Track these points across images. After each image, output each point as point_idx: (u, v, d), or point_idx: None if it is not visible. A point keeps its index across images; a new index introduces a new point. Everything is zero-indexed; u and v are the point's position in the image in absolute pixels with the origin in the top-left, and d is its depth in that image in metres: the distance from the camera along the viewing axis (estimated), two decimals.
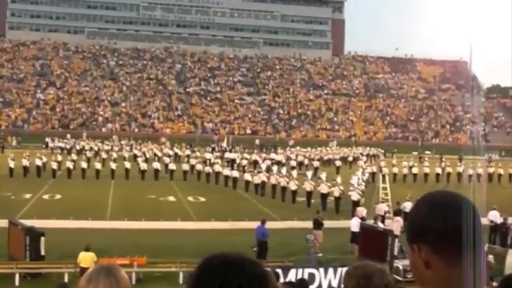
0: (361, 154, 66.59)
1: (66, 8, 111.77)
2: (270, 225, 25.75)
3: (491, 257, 19.89)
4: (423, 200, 1.94)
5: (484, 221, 24.59)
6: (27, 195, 38.05)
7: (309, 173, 45.38)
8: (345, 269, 3.02)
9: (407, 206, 31.76)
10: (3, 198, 36.66)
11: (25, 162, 47.10)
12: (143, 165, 49.11)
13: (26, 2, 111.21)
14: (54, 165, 47.85)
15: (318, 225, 26.17)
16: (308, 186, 38.57)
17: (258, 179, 42.92)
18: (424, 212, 1.89)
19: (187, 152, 60.19)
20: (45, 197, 38.57)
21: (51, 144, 67.33)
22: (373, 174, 51.27)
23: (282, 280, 16.39)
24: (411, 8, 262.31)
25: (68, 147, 64.10)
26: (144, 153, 57.85)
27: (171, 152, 59.73)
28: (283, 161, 57.61)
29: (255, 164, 54.62)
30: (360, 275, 2.75)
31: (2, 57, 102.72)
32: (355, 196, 34.59)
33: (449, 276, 1.83)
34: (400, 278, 20.64)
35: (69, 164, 47.96)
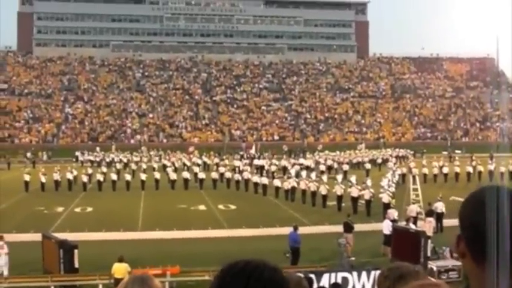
0: (391, 156, 66.10)
1: (91, 22, 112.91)
2: (301, 230, 25.70)
3: None
4: (474, 194, 1.94)
5: None
6: (60, 209, 38.44)
7: (339, 177, 45.31)
8: (378, 272, 3.00)
9: (439, 206, 31.52)
10: (36, 212, 37.13)
11: (56, 176, 47.54)
12: (173, 175, 49.32)
13: (52, 18, 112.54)
14: (85, 178, 48.26)
15: (348, 228, 26.08)
16: (338, 190, 38.43)
17: (287, 184, 42.84)
18: (469, 208, 1.90)
19: (216, 160, 60.24)
20: (77, 210, 38.92)
21: (81, 158, 67.98)
22: (403, 176, 50.95)
23: (315, 285, 16.34)
24: (436, 6, 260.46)
25: (98, 160, 64.69)
26: (173, 163, 58.12)
27: (199, 161, 59.87)
28: (312, 165, 57.45)
29: (284, 169, 54.57)
30: (395, 276, 2.73)
31: (30, 74, 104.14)
32: (385, 198, 34.38)
33: (478, 274, 1.84)
34: (434, 280, 20.41)
35: (100, 177, 48.29)
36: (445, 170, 52.78)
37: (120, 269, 19.61)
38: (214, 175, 50.23)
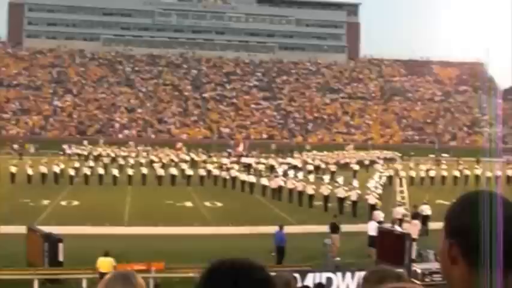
0: (378, 157, 66.33)
1: (82, 15, 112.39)
2: (287, 229, 25.75)
3: None
4: (465, 198, 1.89)
5: None
6: (45, 202, 38.29)
7: (326, 177, 45.40)
8: (362, 273, 3.01)
9: (425, 209, 31.70)
10: (21, 204, 36.94)
11: (43, 169, 47.36)
12: (160, 171, 49.24)
13: (43, 10, 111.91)
14: (72, 172, 48.09)
15: (334, 229, 26.15)
16: (325, 190, 38.51)
17: (274, 183, 42.87)
18: (462, 212, 1.85)
19: (204, 157, 60.23)
20: (63, 203, 38.79)
21: (68, 151, 67.64)
22: (390, 178, 51.11)
23: (299, 285, 16.35)
24: (427, 10, 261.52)
25: (85, 153, 64.39)
26: (160, 159, 57.99)
27: (187, 158, 59.81)
28: (300, 165, 57.50)
29: (272, 168, 54.58)
30: (375, 279, 2.74)
31: (20, 65, 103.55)
32: (372, 200, 34.49)
33: (471, 279, 1.81)
34: (418, 282, 20.50)
35: (87, 171, 48.15)
36: (432, 173, 53.07)
37: (105, 264, 19.56)
38: (202, 172, 50.21)
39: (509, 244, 1.76)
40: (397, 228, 26.38)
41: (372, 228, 26.30)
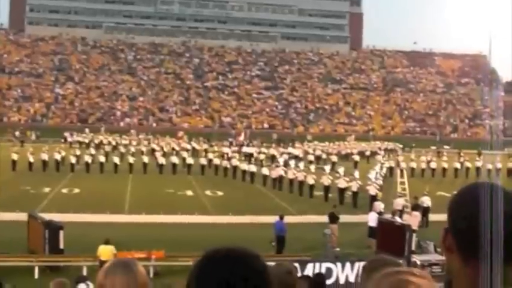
0: (379, 149, 66.17)
1: (84, 3, 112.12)
2: (287, 219, 25.80)
3: None
4: (467, 190, 1.86)
5: None
6: (46, 189, 38.34)
7: (327, 168, 45.38)
8: (362, 264, 3.03)
9: (425, 200, 31.72)
10: (22, 192, 37.00)
11: (44, 156, 47.34)
12: (161, 160, 49.25)
13: None
14: (73, 160, 48.07)
15: (333, 219, 26.18)
16: (326, 180, 38.53)
17: (275, 173, 42.88)
18: (461, 202, 1.83)
19: (205, 146, 60.22)
20: (64, 190, 38.84)
21: (69, 139, 67.57)
22: (391, 169, 51.10)
23: (299, 274, 16.41)
24: (430, 2, 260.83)
25: (87, 141, 64.34)
26: (162, 148, 57.99)
27: (188, 146, 59.77)
28: (301, 155, 57.46)
29: (273, 158, 54.58)
30: (372, 267, 2.75)
31: (21, 53, 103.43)
32: (372, 191, 34.50)
33: (464, 270, 1.80)
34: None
35: (88, 158, 48.16)
36: (433, 165, 53.03)
37: (105, 251, 19.62)
38: (203, 161, 50.19)
39: (509, 237, 1.74)
40: (397, 219, 26.42)
41: (372, 219, 26.35)
